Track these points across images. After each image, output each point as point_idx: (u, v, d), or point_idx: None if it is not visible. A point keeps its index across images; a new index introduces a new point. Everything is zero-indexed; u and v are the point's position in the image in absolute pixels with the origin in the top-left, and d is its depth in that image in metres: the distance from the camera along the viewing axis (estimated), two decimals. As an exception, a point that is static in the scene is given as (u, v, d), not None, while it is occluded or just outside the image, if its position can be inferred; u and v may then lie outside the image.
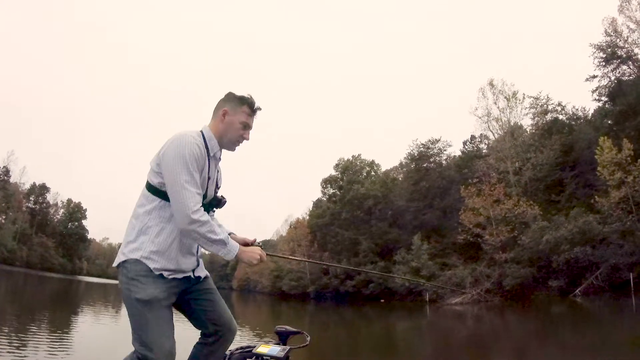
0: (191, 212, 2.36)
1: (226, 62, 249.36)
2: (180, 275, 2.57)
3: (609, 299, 27.11)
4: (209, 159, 2.57)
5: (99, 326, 14.78)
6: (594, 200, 31.66)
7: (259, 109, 2.72)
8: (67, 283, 58.17)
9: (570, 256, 30.04)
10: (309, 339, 3.07)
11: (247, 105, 2.67)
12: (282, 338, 3.02)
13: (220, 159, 2.74)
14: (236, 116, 2.66)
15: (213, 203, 2.71)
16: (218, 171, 2.75)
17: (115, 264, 2.55)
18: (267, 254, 2.71)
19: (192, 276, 2.67)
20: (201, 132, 2.62)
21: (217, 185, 2.74)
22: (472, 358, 12.15)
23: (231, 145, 2.71)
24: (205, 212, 2.45)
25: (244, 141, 2.73)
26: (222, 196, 2.77)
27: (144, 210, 2.52)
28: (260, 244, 2.85)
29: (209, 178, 2.59)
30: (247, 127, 2.69)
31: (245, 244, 2.77)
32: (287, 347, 2.84)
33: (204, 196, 2.58)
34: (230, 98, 2.69)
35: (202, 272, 2.76)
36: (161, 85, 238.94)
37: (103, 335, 13.05)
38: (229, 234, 2.74)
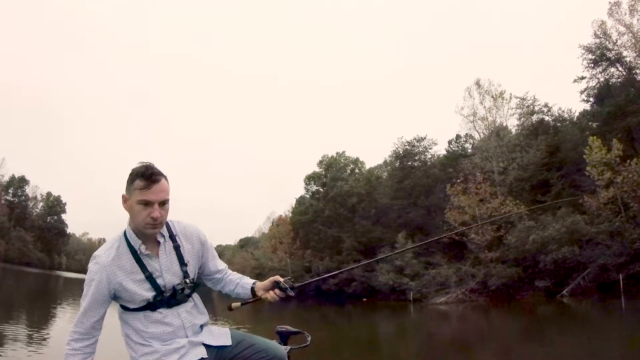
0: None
1: (213, 59, 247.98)
2: None
3: (597, 300, 27.00)
4: (136, 256, 2.26)
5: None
6: (583, 200, 31.61)
7: (156, 173, 2.20)
8: (45, 278, 57.28)
9: (558, 256, 29.88)
10: (309, 339, 2.91)
11: (138, 178, 2.19)
12: (283, 338, 2.86)
13: (161, 242, 2.33)
14: (132, 198, 2.21)
15: (180, 289, 2.35)
16: (178, 247, 2.38)
17: None
18: None
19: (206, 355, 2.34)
20: (124, 231, 2.31)
21: (183, 263, 2.37)
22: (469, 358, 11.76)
23: (144, 231, 2.24)
24: (77, 341, 2.20)
25: (159, 220, 2.23)
26: (182, 283, 2.35)
27: (120, 322, 2.36)
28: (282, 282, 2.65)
29: (149, 276, 2.26)
30: (148, 204, 2.18)
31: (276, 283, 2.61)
32: (288, 347, 2.75)
33: (160, 291, 2.28)
34: (127, 180, 2.26)
35: (218, 338, 2.44)
36: (149, 80, 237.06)
37: None
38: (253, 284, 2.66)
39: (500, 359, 11.49)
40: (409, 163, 55.72)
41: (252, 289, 2.63)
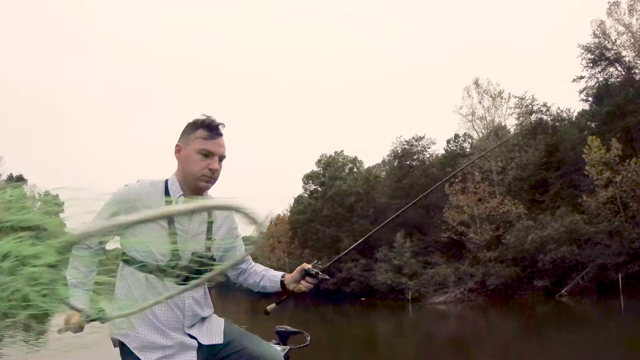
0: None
1: (213, 59, 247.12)
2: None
3: (596, 300, 27.00)
4: None
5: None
6: (582, 199, 31.64)
7: (221, 125, 2.15)
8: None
9: (557, 256, 29.86)
10: (309, 338, 2.93)
11: (202, 128, 2.10)
12: (282, 338, 2.86)
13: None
14: (190, 146, 2.10)
15: (191, 267, 2.05)
16: (212, 222, 2.19)
17: None
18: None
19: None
20: (166, 180, 2.15)
21: (210, 238, 2.17)
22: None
23: (197, 182, 2.10)
24: (87, 245, 1.95)
25: (216, 173, 2.12)
26: (202, 255, 2.08)
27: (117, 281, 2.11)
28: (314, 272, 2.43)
29: (172, 232, 2.05)
30: (209, 154, 2.09)
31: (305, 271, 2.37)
32: (287, 347, 2.73)
33: (177, 256, 2.02)
34: (183, 130, 2.16)
35: (212, 336, 2.19)
36: (149, 80, 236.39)
37: (81, 333, 12.39)
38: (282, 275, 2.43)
39: (499, 359, 11.45)
40: (408, 162, 55.59)
41: (282, 282, 2.44)
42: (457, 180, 41.75)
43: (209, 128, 2.10)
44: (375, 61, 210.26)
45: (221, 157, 2.14)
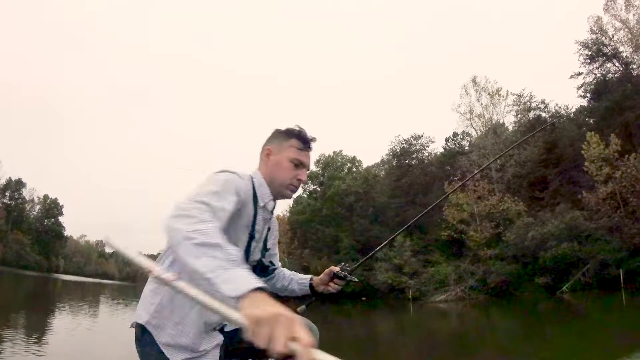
0: (187, 199, 1.49)
1: (213, 59, 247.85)
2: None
3: (598, 296, 26.91)
4: (255, 209, 2.00)
5: (76, 327, 14.07)
6: (581, 195, 31.59)
7: (313, 140, 2.20)
8: (43, 281, 56.99)
9: (557, 252, 29.80)
10: None
11: (296, 138, 2.15)
12: None
13: (272, 212, 2.17)
14: (283, 154, 2.12)
15: (257, 268, 2.13)
16: (269, 229, 2.20)
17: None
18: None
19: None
20: (251, 176, 2.05)
21: (265, 247, 2.19)
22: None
23: (283, 189, 2.11)
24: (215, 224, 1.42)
25: (301, 184, 2.15)
26: (270, 262, 2.25)
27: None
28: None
29: (251, 236, 2.00)
30: (300, 165, 2.12)
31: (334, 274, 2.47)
32: None
33: (247, 256, 1.99)
34: (274, 135, 2.20)
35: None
36: (149, 80, 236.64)
37: (81, 336, 12.35)
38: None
39: (501, 356, 11.36)
40: (407, 161, 55.69)
41: (311, 286, 2.47)
42: (456, 178, 41.77)
43: (304, 140, 2.15)
44: (375, 61, 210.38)
45: (307, 169, 2.18)
